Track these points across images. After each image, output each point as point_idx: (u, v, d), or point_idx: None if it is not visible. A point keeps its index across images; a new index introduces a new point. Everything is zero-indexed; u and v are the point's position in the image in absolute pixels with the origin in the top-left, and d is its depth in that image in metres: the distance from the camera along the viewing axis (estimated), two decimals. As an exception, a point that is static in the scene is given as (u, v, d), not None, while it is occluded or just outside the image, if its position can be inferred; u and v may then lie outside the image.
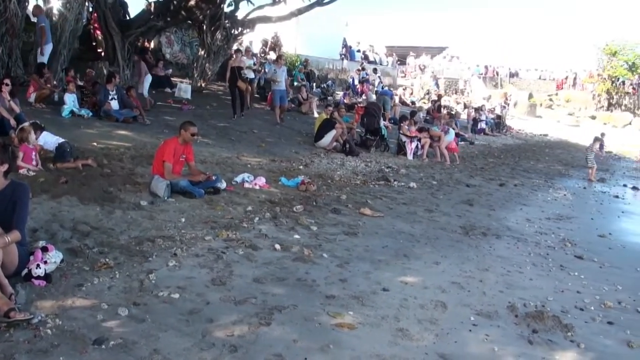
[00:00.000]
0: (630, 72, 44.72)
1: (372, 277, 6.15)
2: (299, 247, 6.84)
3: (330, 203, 9.45)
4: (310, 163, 13.09)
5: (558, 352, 4.87)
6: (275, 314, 4.85)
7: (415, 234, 8.31)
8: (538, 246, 8.62)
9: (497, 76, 49.81)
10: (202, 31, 21.27)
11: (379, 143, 17.00)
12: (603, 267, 7.94)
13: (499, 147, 24.15)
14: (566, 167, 20.18)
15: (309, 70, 27.40)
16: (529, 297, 6.13)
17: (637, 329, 5.67)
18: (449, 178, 14.13)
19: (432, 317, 5.25)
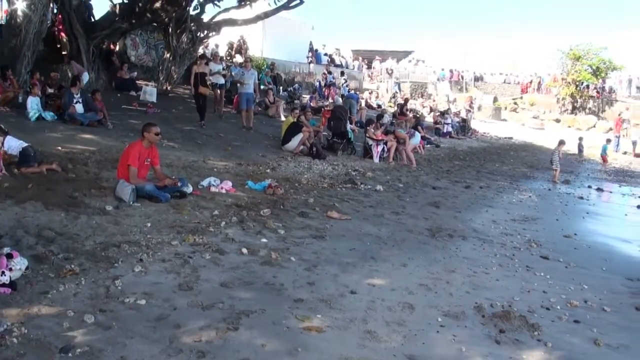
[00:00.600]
0: (594, 76, 45.59)
1: (339, 280, 6.16)
2: (266, 250, 6.81)
3: (297, 206, 9.44)
4: (277, 166, 13.07)
5: (525, 352, 4.93)
6: (243, 318, 4.82)
7: (382, 237, 8.34)
8: (504, 247, 8.73)
9: (462, 80, 50.33)
10: (167, 34, 21.14)
11: (346, 146, 17.05)
12: (569, 267, 8.07)
13: (465, 150, 24.36)
14: (531, 170, 20.45)
15: (275, 74, 27.37)
16: (495, 298, 6.20)
17: (603, 327, 5.78)
18: (415, 181, 14.23)
19: (400, 318, 5.27)
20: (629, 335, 5.74)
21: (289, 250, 7.01)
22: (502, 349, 4.94)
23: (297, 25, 33.34)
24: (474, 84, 50.11)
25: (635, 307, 6.66)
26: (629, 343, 5.50)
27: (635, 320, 6.27)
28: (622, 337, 5.62)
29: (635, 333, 5.84)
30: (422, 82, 46.30)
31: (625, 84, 52.25)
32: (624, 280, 7.79)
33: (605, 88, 48.19)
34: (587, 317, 6.06)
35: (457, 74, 51.33)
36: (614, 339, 5.51)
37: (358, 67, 41.60)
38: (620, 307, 6.59)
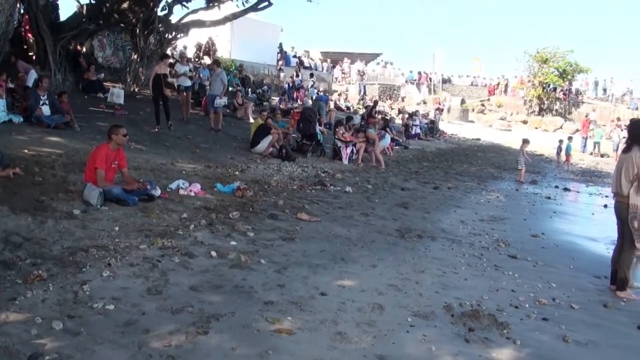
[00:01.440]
0: (561, 78, 46.42)
1: (310, 281, 6.15)
2: (235, 253, 6.77)
3: (267, 209, 9.41)
4: (246, 169, 13.03)
5: (494, 350, 4.97)
6: (212, 322, 4.78)
7: (352, 238, 8.35)
8: (472, 247, 8.80)
9: (430, 82, 50.71)
10: (135, 35, 20.99)
11: (315, 148, 17.09)
12: (537, 266, 8.16)
13: (433, 151, 24.57)
14: (498, 170, 20.69)
15: (244, 76, 27.31)
16: (464, 297, 6.25)
17: (571, 324, 5.87)
18: (384, 182, 14.29)
19: (370, 319, 5.28)
20: (598, 331, 5.84)
21: (258, 252, 6.98)
22: (471, 348, 4.97)
23: (265, 27, 33.29)
24: (442, 86, 50.54)
25: (603, 304, 6.78)
26: (597, 339, 5.59)
27: (603, 317, 6.38)
28: (591, 334, 5.71)
29: (604, 329, 5.95)
30: (391, 84, 46.57)
31: (591, 86, 53.36)
32: (591, 278, 7.91)
33: (572, 90, 49.11)
34: (556, 314, 6.14)
35: (426, 76, 51.72)
36: (582, 336, 5.59)
37: (327, 69, 41.67)
38: (589, 305, 6.69)
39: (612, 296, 7.15)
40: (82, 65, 20.02)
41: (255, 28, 31.58)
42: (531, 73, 47.84)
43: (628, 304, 6.96)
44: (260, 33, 32.58)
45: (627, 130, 7.76)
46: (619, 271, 7.28)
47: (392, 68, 50.52)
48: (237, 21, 25.69)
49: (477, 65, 56.28)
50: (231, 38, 30.73)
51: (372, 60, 52.44)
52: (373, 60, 52.58)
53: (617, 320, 6.35)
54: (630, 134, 7.51)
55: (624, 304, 6.94)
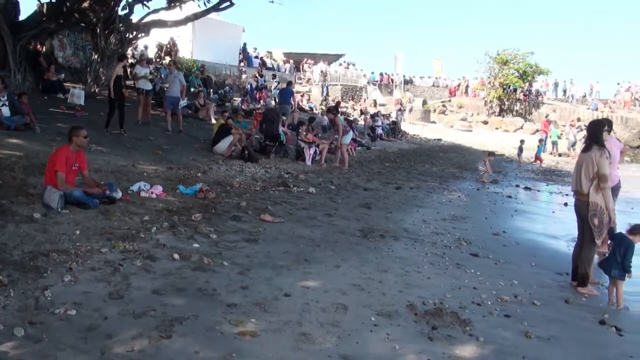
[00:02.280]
0: (521, 80, 47.28)
1: (273, 283, 6.14)
2: (198, 255, 6.73)
3: (229, 210, 9.37)
4: (209, 170, 12.94)
5: (458, 347, 5.04)
6: (175, 325, 4.74)
7: (316, 239, 8.36)
8: (435, 246, 8.88)
9: (392, 83, 51.04)
10: (95, 34, 20.72)
11: (278, 149, 17.04)
12: (498, 264, 8.27)
13: (395, 151, 24.72)
14: (460, 170, 20.89)
15: (206, 76, 27.12)
16: (427, 296, 6.31)
17: (533, 321, 5.97)
18: (347, 182, 14.33)
19: (334, 319, 5.30)
20: (559, 327, 5.97)
21: (221, 254, 6.94)
22: (434, 346, 5.02)
23: (227, 27, 33.17)
24: (403, 87, 50.89)
25: (564, 300, 6.93)
26: (559, 334, 5.71)
27: (565, 312, 6.52)
28: (553, 329, 5.82)
29: (565, 325, 6.08)
30: (353, 85, 46.72)
31: (551, 87, 54.49)
32: (553, 274, 8.06)
33: (532, 91, 50.04)
34: (518, 311, 6.24)
35: (387, 77, 52.05)
36: (544, 331, 5.70)
37: (289, 69, 41.63)
38: (550, 301, 6.83)
39: (573, 292, 7.31)
40: (42, 65, 19.72)
41: (217, 28, 31.46)
42: (492, 74, 48.64)
43: (589, 299, 7.14)
44: (222, 33, 32.45)
45: (587, 130, 7.94)
46: (579, 268, 7.44)
47: (355, 69, 50.71)
48: (199, 21, 25.55)
49: (439, 66, 56.91)
50: (193, 38, 30.56)
51: (335, 61, 52.52)
52: (335, 61, 52.64)
53: (578, 315, 6.49)
54: (590, 134, 7.68)
55: (585, 299, 7.11)
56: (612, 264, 6.97)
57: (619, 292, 6.99)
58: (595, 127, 7.63)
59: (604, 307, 6.92)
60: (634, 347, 5.72)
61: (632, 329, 6.25)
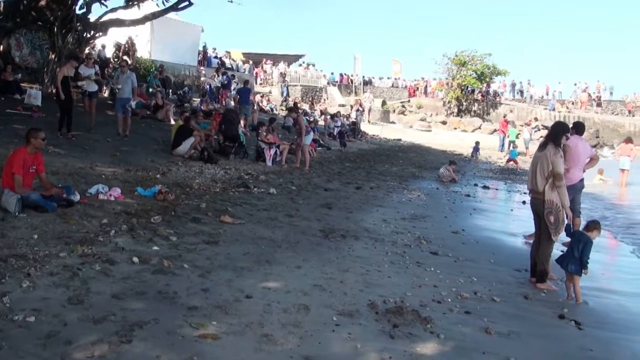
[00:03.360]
0: (479, 81, 48.03)
1: (234, 284, 6.12)
2: (158, 258, 6.65)
3: (189, 212, 9.29)
4: (168, 172, 12.80)
5: (419, 344, 5.10)
6: (136, 330, 4.69)
7: (277, 239, 8.36)
8: (395, 245, 8.97)
9: (351, 84, 51.28)
10: (53, 34, 20.33)
11: (238, 150, 16.96)
12: (458, 261, 8.41)
13: (355, 152, 24.85)
14: (419, 170, 21.12)
15: (164, 76, 26.83)
16: (388, 294, 6.36)
17: (493, 317, 6.10)
18: (307, 183, 14.36)
19: (296, 320, 5.31)
20: (519, 322, 6.10)
21: (181, 257, 6.88)
22: (396, 344, 5.07)
23: (186, 27, 32.81)
24: (363, 87, 51.16)
25: (524, 296, 7.09)
26: (519, 330, 5.84)
27: (524, 308, 6.67)
28: (513, 325, 5.95)
29: (525, 320, 6.22)
30: (313, 85, 46.80)
31: (509, 88, 55.50)
32: (511, 271, 8.24)
33: (490, 92, 50.82)
34: (478, 307, 6.35)
35: (347, 77, 52.27)
36: (504, 327, 5.82)
37: (249, 70, 41.49)
38: (509, 297, 6.97)
39: (532, 288, 7.48)
40: (-1, 65, 19.31)
41: (175, 28, 31.12)
42: (450, 75, 49.30)
43: (548, 295, 7.31)
44: (181, 33, 32.12)
45: (549, 129, 8.12)
46: (538, 264, 7.61)
47: (314, 70, 50.79)
48: (157, 21, 25.29)
49: (397, 67, 57.33)
50: (151, 38, 30.14)
51: (295, 62, 52.59)
52: (295, 61, 52.75)
53: (538, 311, 6.64)
54: (550, 133, 7.84)
55: (544, 295, 7.28)
56: (570, 260, 7.13)
57: (577, 288, 7.17)
58: (557, 129, 7.79)
59: (563, 302, 7.10)
60: (594, 341, 5.89)
61: (591, 323, 6.44)
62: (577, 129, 9.81)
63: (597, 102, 51.89)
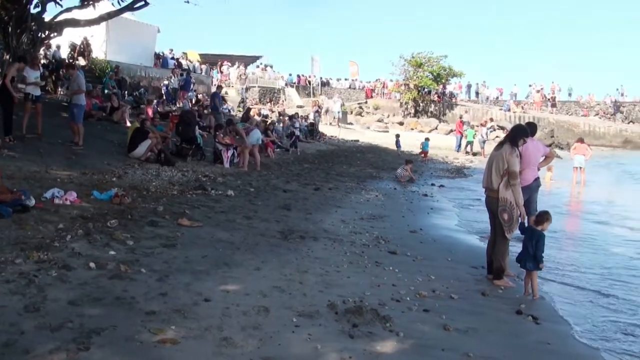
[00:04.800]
0: (435, 82, 48.62)
1: (193, 288, 6.09)
2: (115, 263, 6.57)
3: (146, 215, 9.20)
4: (124, 174, 12.64)
5: (378, 343, 5.15)
6: (94, 337, 4.62)
7: (235, 242, 8.35)
8: (353, 245, 9.04)
9: (309, 85, 51.37)
10: (7, 33, 19.82)
11: (195, 152, 16.86)
12: (416, 260, 8.52)
13: (313, 153, 24.91)
14: (377, 170, 21.28)
15: (120, 78, 26.50)
16: (347, 294, 6.41)
17: (451, 314, 6.20)
18: (266, 184, 14.35)
19: (256, 322, 5.31)
20: (477, 318, 6.22)
21: (138, 261, 6.81)
22: (356, 343, 5.12)
23: (142, 27, 32.46)
24: (320, 89, 51.30)
25: (481, 292, 7.23)
26: (477, 326, 5.95)
27: (482, 304, 6.81)
28: (470, 321, 6.06)
29: (482, 316, 6.35)
30: (271, 87, 46.76)
31: (464, 89, 56.38)
32: (468, 268, 8.40)
33: (446, 93, 51.54)
34: (436, 305, 6.46)
35: (305, 79, 52.36)
36: (462, 324, 5.93)
37: (206, 71, 41.27)
38: (467, 294, 7.11)
39: (489, 285, 7.64)
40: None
41: (131, 28, 30.76)
42: (407, 77, 49.84)
43: (505, 291, 7.48)
44: (136, 34, 31.77)
45: (509, 132, 8.32)
46: (494, 261, 7.77)
47: (272, 71, 50.77)
48: (113, 21, 24.94)
49: (355, 68, 57.61)
50: (107, 38, 29.73)
51: (252, 63, 52.46)
52: (253, 63, 52.63)
53: (495, 307, 6.79)
54: (508, 135, 8.04)
55: (501, 291, 7.45)
56: (527, 257, 7.30)
57: (534, 283, 7.35)
58: (516, 131, 8.00)
59: (520, 297, 7.28)
60: (551, 335, 6.06)
61: (548, 317, 6.61)
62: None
63: (551, 102, 53.07)
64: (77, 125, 14.98)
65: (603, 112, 54.57)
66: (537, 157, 9.95)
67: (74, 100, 15.21)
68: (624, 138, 46.44)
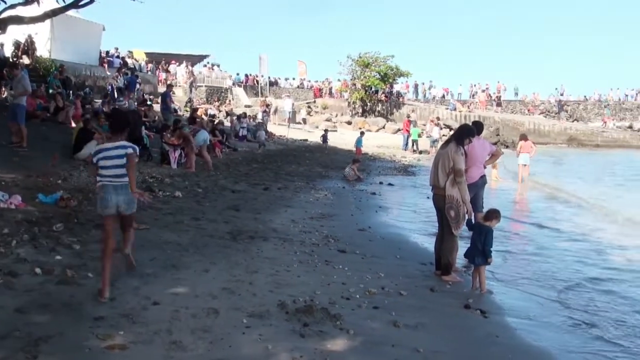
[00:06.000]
0: (382, 82, 49.05)
1: (141, 292, 6.05)
2: (61, 268, 6.48)
3: (92, 218, 8.98)
4: (70, 177, 12.41)
5: (329, 341, 5.22)
6: (41, 345, 4.56)
7: (183, 244, 8.31)
8: (303, 244, 9.11)
9: (257, 85, 51.22)
10: (-53, 32, 19.29)
11: (142, 153, 16.60)
12: (365, 258, 8.63)
13: (262, 153, 24.83)
14: (326, 169, 21.36)
15: (65, 77, 25.93)
16: (297, 294, 6.47)
17: (401, 310, 6.32)
18: (214, 185, 14.28)
19: (205, 325, 5.32)
20: (426, 314, 6.36)
21: (86, 266, 6.73)
22: (307, 342, 5.17)
23: (87, 25, 31.75)
24: (269, 88, 51.21)
25: (429, 288, 7.39)
26: (426, 321, 6.09)
27: (431, 300, 6.96)
28: (420, 317, 6.20)
29: (431, 312, 6.50)
30: (218, 86, 46.44)
31: (412, 89, 57.16)
32: (417, 265, 8.56)
33: (393, 92, 52.09)
34: (386, 302, 6.57)
35: (253, 78, 52.18)
36: (411, 319, 6.05)
37: (152, 70, 40.74)
38: (416, 290, 7.25)
39: (437, 281, 7.81)
40: None
41: (76, 26, 30.03)
42: (354, 76, 50.17)
43: (453, 286, 7.67)
44: (82, 32, 31.05)
45: (455, 130, 8.50)
46: (442, 257, 7.94)
47: (220, 70, 50.40)
48: (58, 19, 24.32)
49: (303, 68, 57.67)
50: (51, 36, 29.00)
51: (199, 62, 51.98)
52: (200, 62, 52.13)
53: (444, 302, 6.95)
54: (454, 134, 8.21)
55: (449, 286, 7.63)
56: (475, 253, 7.48)
57: (482, 278, 7.55)
58: (462, 131, 8.22)
59: (467, 292, 7.46)
60: (499, 327, 6.27)
61: (495, 311, 6.81)
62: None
63: (496, 101, 54.15)
64: (20, 127, 14.57)
65: (547, 110, 56.09)
66: (483, 155, 10.16)
67: (16, 100, 14.87)
68: (569, 136, 47.59)
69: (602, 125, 52.87)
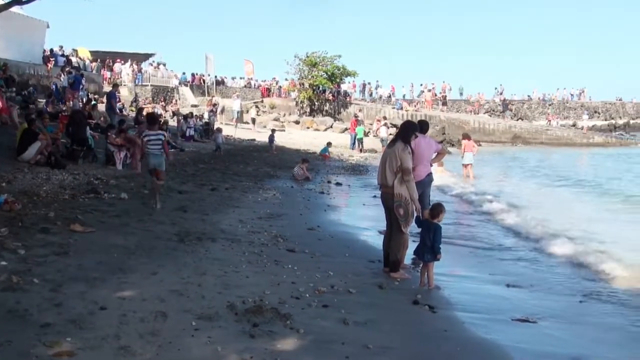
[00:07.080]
0: (329, 81, 49.39)
1: (88, 296, 5.94)
2: (6, 274, 6.30)
3: (37, 222, 8.85)
4: (13, 179, 12.11)
5: (279, 341, 5.24)
6: (-14, 355, 4.48)
7: (130, 246, 8.19)
8: (252, 245, 9.12)
9: (204, 84, 50.90)
10: None
11: (87, 154, 16.35)
12: (314, 257, 8.72)
13: (209, 153, 24.72)
14: (274, 169, 21.41)
15: (8, 76, 25.26)
16: (247, 294, 6.46)
17: (350, 308, 6.40)
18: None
19: (154, 328, 5.27)
20: (375, 311, 6.46)
21: (31, 271, 6.57)
22: (257, 342, 5.17)
23: (31, 22, 30.98)
24: (215, 88, 50.93)
25: (378, 285, 7.52)
26: (375, 318, 6.18)
27: (380, 297, 7.08)
28: (369, 314, 6.29)
29: (380, 308, 6.60)
30: (164, 85, 45.98)
31: (358, 88, 57.75)
32: (366, 262, 8.70)
33: (341, 92, 52.54)
34: (335, 300, 6.64)
35: (199, 77, 51.85)
36: (361, 317, 6.14)
37: (97, 69, 40.07)
38: (365, 287, 7.36)
39: (386, 278, 7.95)
40: None
41: (19, 23, 29.24)
42: (302, 76, 50.39)
43: (402, 283, 7.82)
44: (25, 29, 30.26)
45: (400, 127, 8.65)
46: (391, 255, 8.08)
47: (165, 69, 49.88)
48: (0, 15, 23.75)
49: (250, 67, 57.51)
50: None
51: (145, 61, 51.33)
52: (145, 60, 51.49)
53: (392, 299, 7.08)
54: (399, 132, 8.36)
55: (398, 283, 7.78)
56: (425, 249, 7.63)
57: (430, 274, 7.72)
58: (405, 128, 8.36)
59: (416, 288, 7.61)
60: (447, 322, 6.41)
61: (443, 306, 6.97)
62: (420, 128, 10.44)
63: (442, 101, 55.08)
64: None
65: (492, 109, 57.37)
66: (430, 153, 10.34)
67: None
68: (513, 134, 48.73)
69: (546, 124, 54.34)
